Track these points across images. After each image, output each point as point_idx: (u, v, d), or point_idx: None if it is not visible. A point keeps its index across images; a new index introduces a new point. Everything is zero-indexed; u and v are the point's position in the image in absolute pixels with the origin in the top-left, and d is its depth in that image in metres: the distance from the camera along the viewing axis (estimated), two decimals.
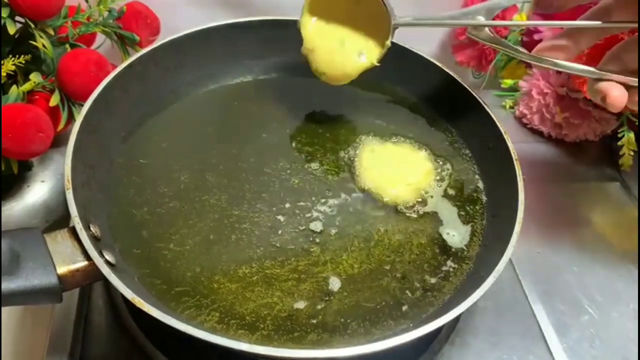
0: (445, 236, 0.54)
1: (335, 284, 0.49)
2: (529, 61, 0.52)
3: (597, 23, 0.49)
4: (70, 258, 0.43)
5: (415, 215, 0.55)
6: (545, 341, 0.56)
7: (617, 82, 0.48)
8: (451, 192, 0.57)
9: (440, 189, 0.57)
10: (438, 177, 0.58)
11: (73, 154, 0.48)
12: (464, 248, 0.53)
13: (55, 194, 0.63)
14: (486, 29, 0.51)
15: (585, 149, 0.77)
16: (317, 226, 0.53)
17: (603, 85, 0.48)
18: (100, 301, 0.54)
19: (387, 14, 0.54)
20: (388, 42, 0.55)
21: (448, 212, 0.56)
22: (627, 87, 0.48)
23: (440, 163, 0.60)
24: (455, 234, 0.54)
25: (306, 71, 0.67)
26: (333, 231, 0.53)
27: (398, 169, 0.58)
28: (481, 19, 0.51)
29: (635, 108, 0.48)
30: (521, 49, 0.52)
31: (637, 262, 0.64)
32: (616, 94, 0.47)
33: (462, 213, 0.56)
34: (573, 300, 0.60)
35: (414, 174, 0.58)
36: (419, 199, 0.56)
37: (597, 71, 0.49)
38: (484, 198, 0.57)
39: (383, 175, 0.57)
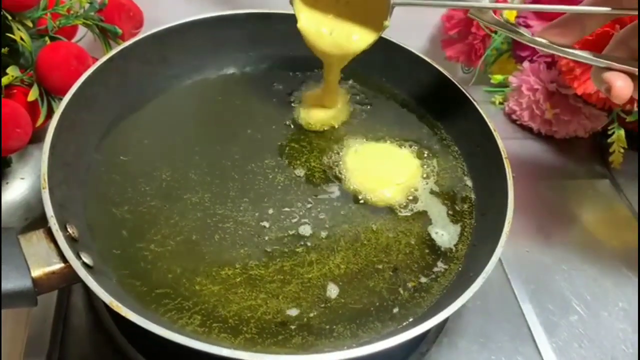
0: (434, 236, 0.53)
1: (324, 286, 0.48)
2: (530, 44, 0.49)
3: (606, 9, 0.46)
4: (46, 260, 0.41)
5: (404, 215, 0.54)
6: (534, 341, 0.56)
7: (622, 72, 0.46)
8: (439, 190, 0.56)
9: (428, 187, 0.56)
10: (425, 175, 0.57)
11: (50, 152, 0.47)
12: (453, 248, 0.52)
13: (34, 191, 0.62)
14: (490, 10, 0.50)
15: (575, 146, 0.76)
16: (305, 230, 0.51)
17: (608, 75, 0.46)
18: (80, 302, 0.53)
19: None
20: (387, 22, 0.54)
21: (437, 211, 0.55)
22: (633, 76, 0.46)
23: (428, 161, 0.59)
24: (444, 233, 0.53)
25: (292, 65, 0.66)
26: (322, 233, 0.51)
27: (385, 168, 0.57)
28: (485, 0, 0.49)
29: None
30: (524, 32, 0.49)
31: (626, 260, 0.63)
32: (620, 85, 0.45)
33: (451, 212, 0.55)
34: (562, 300, 0.59)
35: (402, 173, 0.57)
36: (409, 197, 0.55)
37: (595, 58, 0.46)
38: (473, 196, 0.57)
39: (371, 175, 0.56)
